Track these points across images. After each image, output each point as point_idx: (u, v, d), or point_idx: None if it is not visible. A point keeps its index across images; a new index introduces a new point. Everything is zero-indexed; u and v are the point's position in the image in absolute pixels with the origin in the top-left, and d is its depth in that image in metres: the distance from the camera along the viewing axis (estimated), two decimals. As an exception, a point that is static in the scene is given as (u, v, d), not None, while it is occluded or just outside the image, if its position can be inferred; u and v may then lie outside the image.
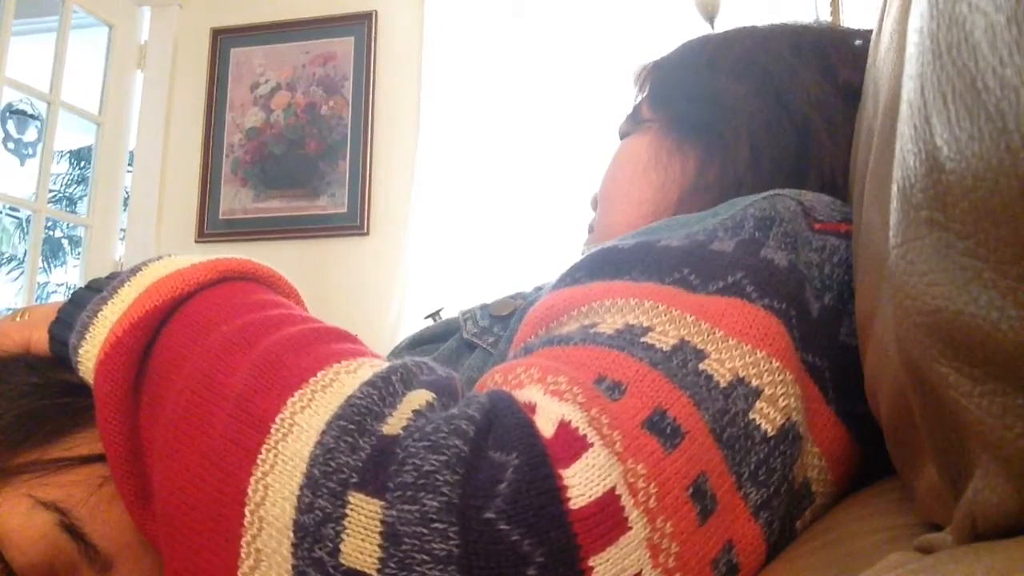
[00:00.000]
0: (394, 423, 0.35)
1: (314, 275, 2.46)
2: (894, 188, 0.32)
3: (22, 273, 6.31)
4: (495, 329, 0.67)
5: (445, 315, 0.81)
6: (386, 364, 0.40)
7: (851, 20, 1.85)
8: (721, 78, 0.70)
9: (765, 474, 0.41)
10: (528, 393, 0.39)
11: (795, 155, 0.65)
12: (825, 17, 1.83)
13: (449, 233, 2.37)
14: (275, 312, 0.45)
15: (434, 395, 0.38)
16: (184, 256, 0.50)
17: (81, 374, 0.45)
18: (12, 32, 2.43)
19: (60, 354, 0.47)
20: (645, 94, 0.77)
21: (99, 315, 0.45)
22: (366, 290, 2.43)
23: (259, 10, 2.68)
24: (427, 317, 0.84)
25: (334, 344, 0.42)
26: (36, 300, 2.76)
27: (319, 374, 0.38)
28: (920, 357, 0.31)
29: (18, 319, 0.51)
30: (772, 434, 0.41)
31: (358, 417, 0.35)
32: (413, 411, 0.36)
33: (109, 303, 0.46)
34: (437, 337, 0.75)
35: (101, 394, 0.43)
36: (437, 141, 2.41)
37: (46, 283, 7.74)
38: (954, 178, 0.25)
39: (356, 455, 0.34)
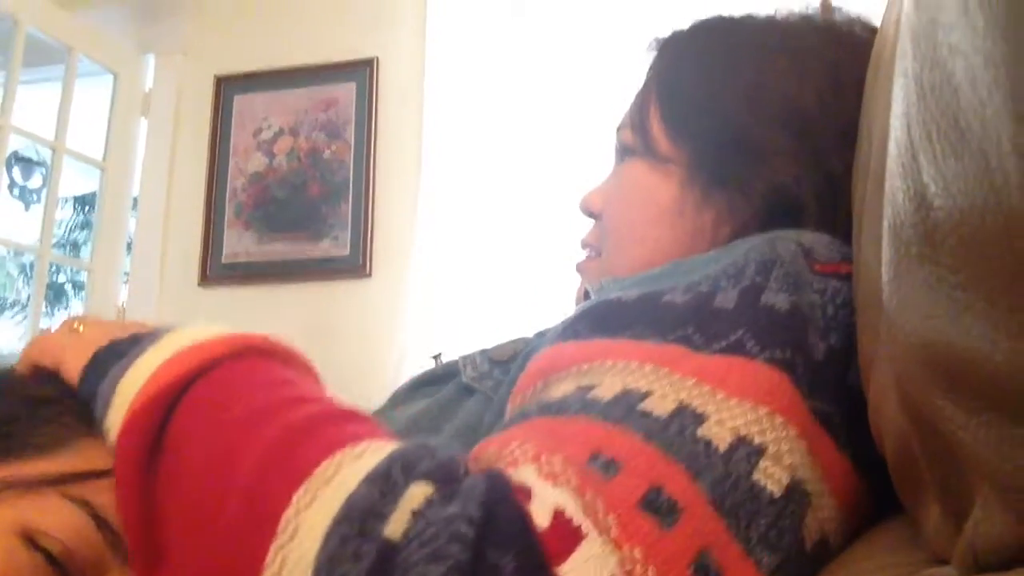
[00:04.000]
0: (395, 526, 0.35)
1: (317, 317, 2.47)
2: (885, 225, 0.33)
3: (25, 318, 6.31)
4: (495, 374, 0.66)
5: (446, 358, 0.80)
6: (388, 450, 0.40)
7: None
8: (758, 120, 0.65)
9: (776, 536, 0.40)
10: (523, 475, 0.39)
11: (816, 205, 0.63)
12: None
13: (451, 276, 2.37)
14: (286, 392, 0.45)
15: (434, 488, 0.37)
16: (203, 327, 0.50)
17: (108, 444, 0.46)
18: (19, 81, 2.46)
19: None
20: (655, 103, 0.71)
21: (118, 388, 0.46)
22: (368, 332, 2.43)
23: (262, 58, 2.72)
24: (428, 360, 0.83)
25: (341, 426, 0.42)
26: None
27: (323, 464, 0.38)
28: (917, 390, 0.31)
29: (76, 325, 0.52)
30: (779, 494, 0.41)
31: (359, 519, 0.35)
32: (412, 511, 0.36)
33: (128, 372, 0.46)
34: (437, 380, 0.74)
35: (118, 472, 0.43)
36: (439, 185, 2.43)
37: (49, 328, 7.73)
38: (942, 214, 0.26)
39: (359, 564, 0.34)
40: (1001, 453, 0.25)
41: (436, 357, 0.82)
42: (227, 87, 2.72)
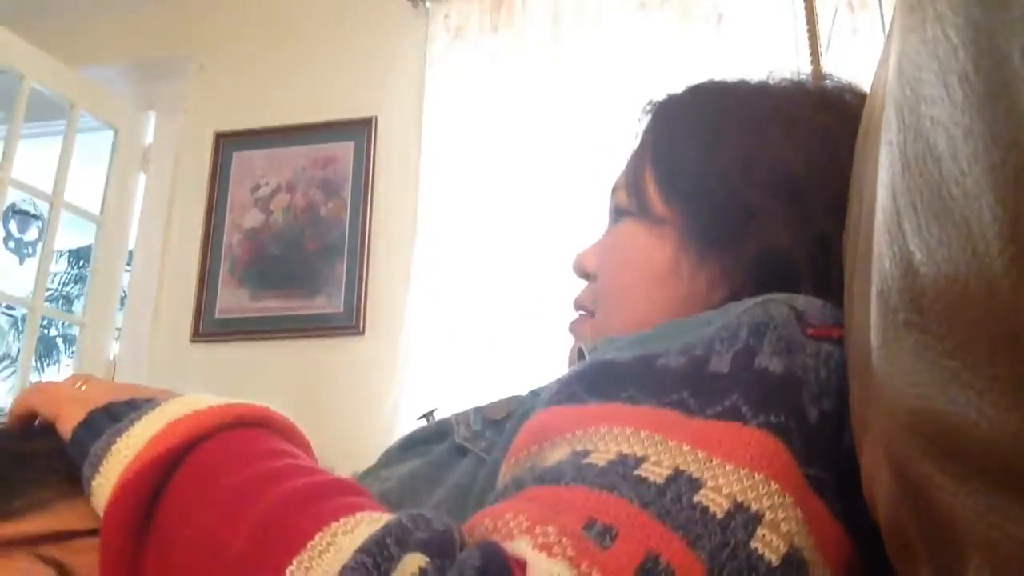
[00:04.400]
0: None
1: (309, 375, 2.45)
2: (873, 290, 0.33)
3: (15, 372, 6.26)
4: (488, 434, 0.65)
5: (439, 415, 0.80)
6: (383, 521, 0.39)
7: (831, 65, 1.89)
8: (753, 184, 0.66)
9: None
10: (518, 547, 0.38)
11: (809, 268, 0.63)
12: (804, 63, 1.85)
13: (444, 335, 2.37)
14: (280, 463, 0.45)
15: (427, 559, 0.37)
16: (201, 396, 0.50)
17: (93, 504, 0.45)
18: (20, 135, 2.49)
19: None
20: (650, 165, 0.72)
21: (112, 449, 0.45)
22: (361, 390, 2.41)
23: (262, 115, 2.76)
24: (420, 418, 0.83)
25: (335, 499, 0.42)
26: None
27: (317, 537, 0.38)
28: (905, 457, 0.31)
29: (79, 385, 0.53)
30: (776, 563, 0.40)
31: None
32: None
33: (122, 437, 0.46)
34: (429, 439, 0.73)
35: (106, 534, 0.43)
36: (433, 243, 2.44)
37: (38, 382, 7.66)
38: (927, 281, 0.26)
39: None
40: (990, 522, 0.25)
41: (428, 415, 0.82)
42: (226, 144, 2.75)
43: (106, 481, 0.44)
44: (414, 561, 0.37)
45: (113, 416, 0.49)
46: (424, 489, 0.63)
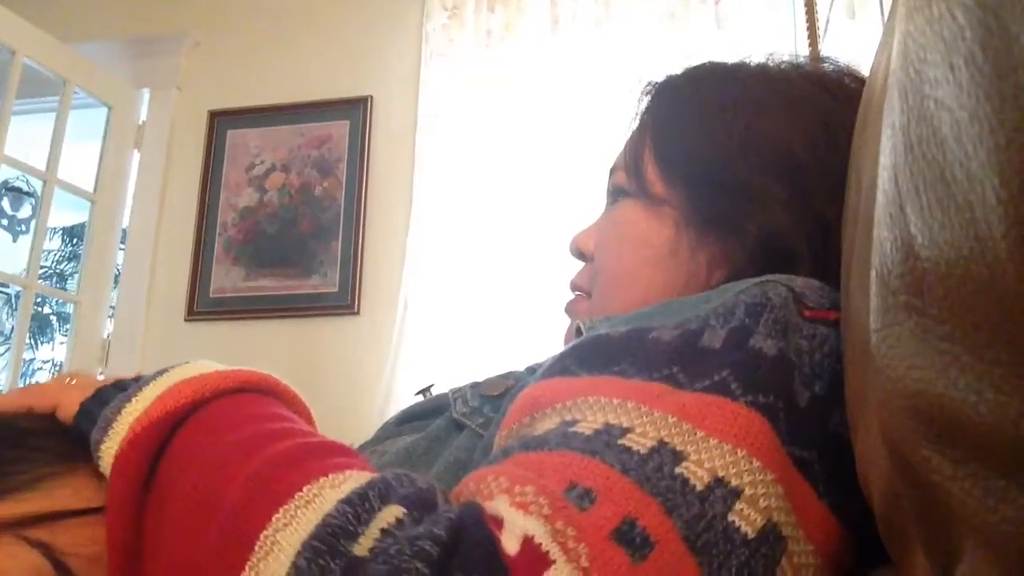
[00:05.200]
0: (364, 543, 0.36)
1: (304, 354, 2.45)
2: (873, 274, 0.33)
3: (8, 349, 6.26)
4: (485, 409, 0.66)
5: (436, 391, 0.80)
6: (368, 478, 0.40)
7: (830, 48, 1.89)
8: (753, 166, 0.66)
9: None
10: (496, 505, 0.39)
11: (808, 250, 0.63)
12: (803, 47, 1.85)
13: (440, 314, 2.37)
14: (278, 425, 0.46)
15: (406, 510, 0.38)
16: (208, 362, 0.52)
17: (101, 469, 0.46)
18: (12, 111, 2.47)
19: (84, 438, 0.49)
20: (649, 146, 0.72)
21: (122, 412, 0.47)
22: (356, 369, 2.42)
23: (256, 94, 2.74)
24: (417, 393, 0.83)
25: (327, 459, 0.43)
26: (21, 377, 2.73)
27: (304, 489, 0.39)
28: (903, 440, 0.31)
29: (69, 380, 0.54)
30: (752, 536, 0.40)
31: (331, 537, 0.36)
32: (381, 530, 0.36)
33: (132, 401, 0.48)
34: (427, 414, 0.74)
35: (113, 489, 0.44)
36: (429, 223, 2.44)
37: (32, 360, 7.67)
38: (929, 265, 0.26)
39: (329, 572, 0.35)
40: (987, 506, 0.25)
41: (425, 391, 0.82)
42: (220, 122, 2.74)
43: (112, 444, 0.46)
44: (392, 512, 0.38)
45: (121, 387, 0.50)
46: (421, 463, 0.64)
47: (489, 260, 2.38)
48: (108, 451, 0.46)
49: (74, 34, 2.81)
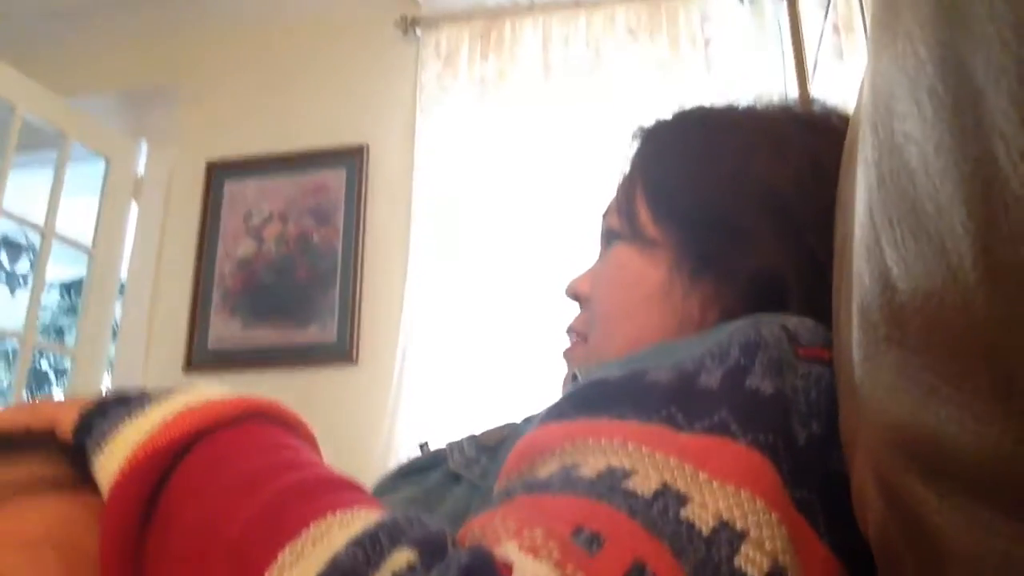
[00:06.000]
0: None
1: (303, 404, 2.41)
2: (854, 307, 0.33)
3: (5, 404, 6.21)
4: (482, 460, 0.65)
5: (432, 446, 0.79)
6: (378, 518, 0.40)
7: (819, 89, 1.91)
8: (743, 206, 0.67)
9: None
10: (505, 550, 0.38)
11: (800, 288, 0.64)
12: (791, 87, 1.87)
13: (439, 364, 2.36)
14: (285, 456, 0.45)
15: (417, 554, 0.37)
16: (214, 387, 0.51)
17: (98, 484, 0.45)
18: (10, 165, 2.49)
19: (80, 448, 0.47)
20: (641, 189, 0.73)
21: (120, 428, 0.46)
22: (354, 419, 2.40)
23: (253, 144, 2.76)
24: (419, 447, 0.82)
25: (335, 494, 0.42)
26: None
27: (312, 526, 0.38)
28: (889, 473, 0.31)
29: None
30: None
31: (344, 573, 0.35)
32: (392, 573, 0.36)
33: (134, 419, 0.46)
34: (424, 467, 0.73)
35: (111, 512, 0.43)
36: (427, 272, 2.44)
37: (17, 404, 7.59)
38: (905, 297, 0.26)
39: None
40: (973, 536, 0.25)
41: (423, 446, 0.81)
42: (218, 173, 2.76)
43: (109, 462, 0.44)
44: (403, 556, 0.37)
45: (123, 401, 0.49)
46: None
47: (488, 308, 2.38)
48: (104, 467, 0.44)
49: (71, 88, 2.84)
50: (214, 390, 0.50)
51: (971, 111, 0.20)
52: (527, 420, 0.67)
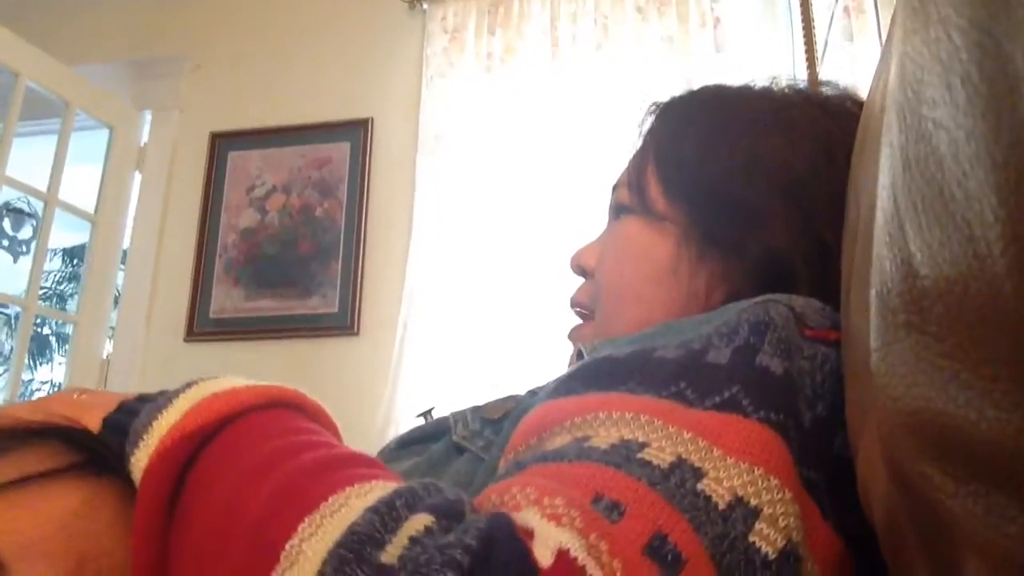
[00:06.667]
0: (391, 551, 0.35)
1: (303, 374, 2.45)
2: (872, 292, 0.33)
3: (7, 370, 6.24)
4: (486, 432, 0.65)
5: (437, 414, 0.80)
6: (395, 486, 0.40)
7: (828, 71, 1.90)
8: (754, 185, 0.67)
9: None
10: (525, 517, 0.38)
11: (807, 270, 0.64)
12: (801, 70, 1.86)
13: (440, 335, 2.37)
14: (305, 438, 0.46)
15: (434, 518, 0.37)
16: (236, 377, 0.52)
17: (134, 480, 0.46)
18: (14, 133, 2.48)
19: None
20: (653, 164, 0.73)
21: (153, 424, 0.46)
22: (355, 390, 2.41)
23: (258, 116, 2.75)
24: (418, 416, 0.82)
25: (353, 469, 0.42)
26: (20, 397, 2.73)
27: (331, 499, 0.38)
28: (904, 459, 0.31)
29: (75, 397, 0.52)
30: (773, 557, 0.40)
31: (358, 545, 0.35)
32: (410, 538, 0.36)
33: (164, 412, 0.47)
34: (427, 437, 0.73)
35: (143, 499, 0.43)
36: (429, 244, 2.44)
37: (31, 380, 7.65)
38: (928, 283, 0.26)
39: None
40: (989, 523, 0.25)
41: (426, 414, 0.81)
42: (222, 144, 2.75)
43: (144, 455, 0.45)
44: (421, 520, 0.37)
45: (148, 400, 0.50)
46: None
47: (489, 281, 2.38)
48: (139, 463, 0.45)
49: (76, 56, 2.82)
50: (238, 380, 0.51)
51: (1007, 98, 0.20)
52: (531, 393, 0.68)
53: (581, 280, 0.80)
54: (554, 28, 2.54)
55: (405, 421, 2.22)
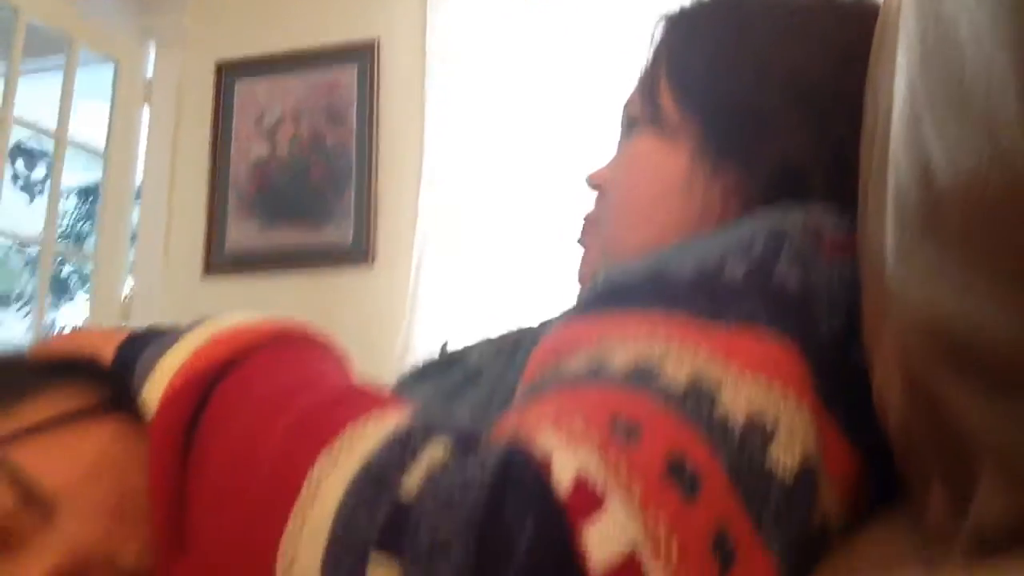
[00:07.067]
0: (412, 479, 0.35)
1: (320, 306, 2.46)
2: (889, 200, 0.32)
3: (30, 311, 6.34)
4: (500, 362, 0.65)
5: (452, 347, 0.80)
6: (411, 416, 0.40)
7: None
8: (769, 92, 0.65)
9: (785, 517, 0.39)
10: (543, 440, 0.38)
11: (823, 180, 0.62)
12: None
13: (456, 264, 2.36)
14: (317, 372, 0.47)
15: (453, 443, 0.37)
16: (244, 313, 0.52)
17: (143, 409, 0.47)
18: (20, 72, 2.46)
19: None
20: (665, 76, 0.71)
21: (160, 361, 0.47)
22: (371, 320, 2.42)
23: (263, 41, 2.70)
24: (440, 348, 0.83)
25: (368, 401, 0.43)
26: (44, 338, 2.76)
27: (348, 428, 0.39)
28: (921, 368, 0.30)
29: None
30: (790, 475, 0.40)
31: (379, 472, 0.36)
32: (430, 464, 0.36)
33: (172, 349, 0.48)
34: (441, 368, 0.74)
35: (156, 441, 0.44)
36: (442, 169, 2.42)
37: (53, 321, 7.76)
38: (946, 186, 0.25)
39: (375, 515, 0.34)
40: (1006, 431, 0.25)
41: (444, 347, 0.82)
42: (228, 74, 2.71)
43: (154, 392, 0.46)
44: (440, 445, 0.37)
45: (158, 333, 0.51)
46: None
47: (505, 207, 2.36)
48: (150, 395, 0.46)
49: (76, -11, 2.77)
50: (247, 316, 0.51)
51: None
52: (543, 324, 0.67)
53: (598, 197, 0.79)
54: (563, -59, 2.46)
55: (422, 350, 2.23)
